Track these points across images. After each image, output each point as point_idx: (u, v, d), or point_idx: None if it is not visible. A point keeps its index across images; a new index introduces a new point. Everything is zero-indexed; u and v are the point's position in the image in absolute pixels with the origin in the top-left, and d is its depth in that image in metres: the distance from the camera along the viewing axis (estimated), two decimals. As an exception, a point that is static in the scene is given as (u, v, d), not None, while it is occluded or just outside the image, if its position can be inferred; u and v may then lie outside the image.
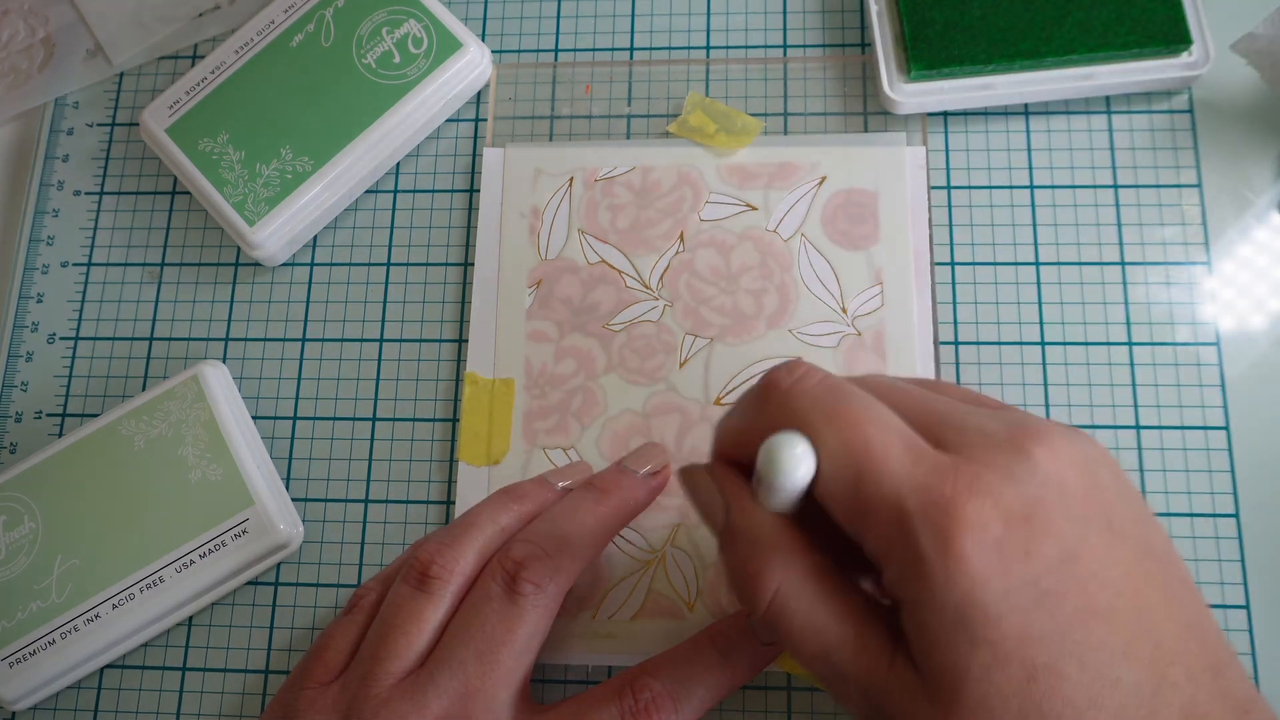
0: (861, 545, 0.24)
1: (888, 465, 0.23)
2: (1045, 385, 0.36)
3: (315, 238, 0.40)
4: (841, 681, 0.25)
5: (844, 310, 0.37)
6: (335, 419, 0.38)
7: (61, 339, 0.40)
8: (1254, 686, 0.24)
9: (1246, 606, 0.33)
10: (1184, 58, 0.37)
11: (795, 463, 0.24)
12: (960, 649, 0.23)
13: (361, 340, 0.39)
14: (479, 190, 0.40)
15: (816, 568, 0.25)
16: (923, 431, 0.24)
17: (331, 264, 0.40)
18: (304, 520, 0.37)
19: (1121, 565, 0.23)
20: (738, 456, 0.27)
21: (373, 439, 0.38)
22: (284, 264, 0.40)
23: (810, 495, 0.25)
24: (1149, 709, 0.22)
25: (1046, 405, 0.36)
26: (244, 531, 0.35)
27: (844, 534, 0.25)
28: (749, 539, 0.26)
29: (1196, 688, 0.23)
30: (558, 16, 0.42)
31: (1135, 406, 0.36)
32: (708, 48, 0.41)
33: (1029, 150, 0.38)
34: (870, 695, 0.25)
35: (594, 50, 0.41)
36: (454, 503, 0.36)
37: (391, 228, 0.40)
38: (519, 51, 0.42)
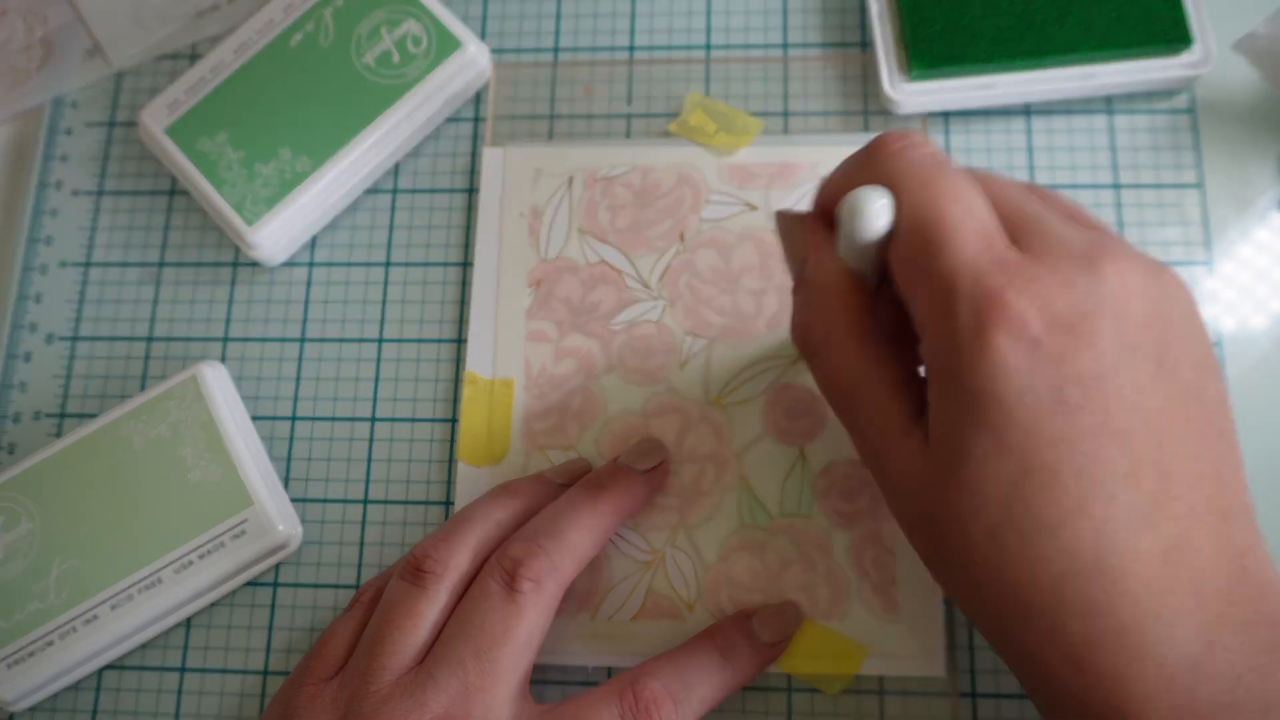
0: (910, 313, 0.26)
1: (955, 241, 0.24)
2: (1046, 385, 0.36)
3: (314, 238, 0.40)
4: (857, 431, 0.27)
5: (844, 310, 0.37)
6: (335, 419, 0.38)
7: (60, 339, 0.40)
8: (1261, 539, 0.25)
9: (1248, 607, 0.33)
10: (1185, 57, 0.37)
11: (874, 215, 0.25)
12: (967, 430, 0.24)
13: (361, 340, 0.39)
14: (479, 190, 0.40)
15: (868, 324, 0.27)
16: (1008, 226, 0.25)
17: (331, 264, 0.40)
18: (303, 520, 0.37)
19: (1158, 400, 0.24)
20: (832, 210, 0.28)
21: (372, 439, 0.38)
22: (283, 264, 0.40)
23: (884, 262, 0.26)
24: (1136, 531, 0.23)
25: (1047, 405, 0.36)
26: (243, 532, 0.35)
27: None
28: (816, 283, 0.27)
29: (1194, 524, 0.24)
30: (558, 16, 0.42)
31: (1136, 407, 0.35)
32: (708, 47, 0.41)
33: (1029, 150, 0.38)
34: (879, 451, 0.26)
35: (594, 50, 0.41)
36: (454, 503, 0.36)
37: (391, 228, 0.40)
38: (519, 51, 0.41)
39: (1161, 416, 0.24)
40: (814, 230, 0.28)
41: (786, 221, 0.30)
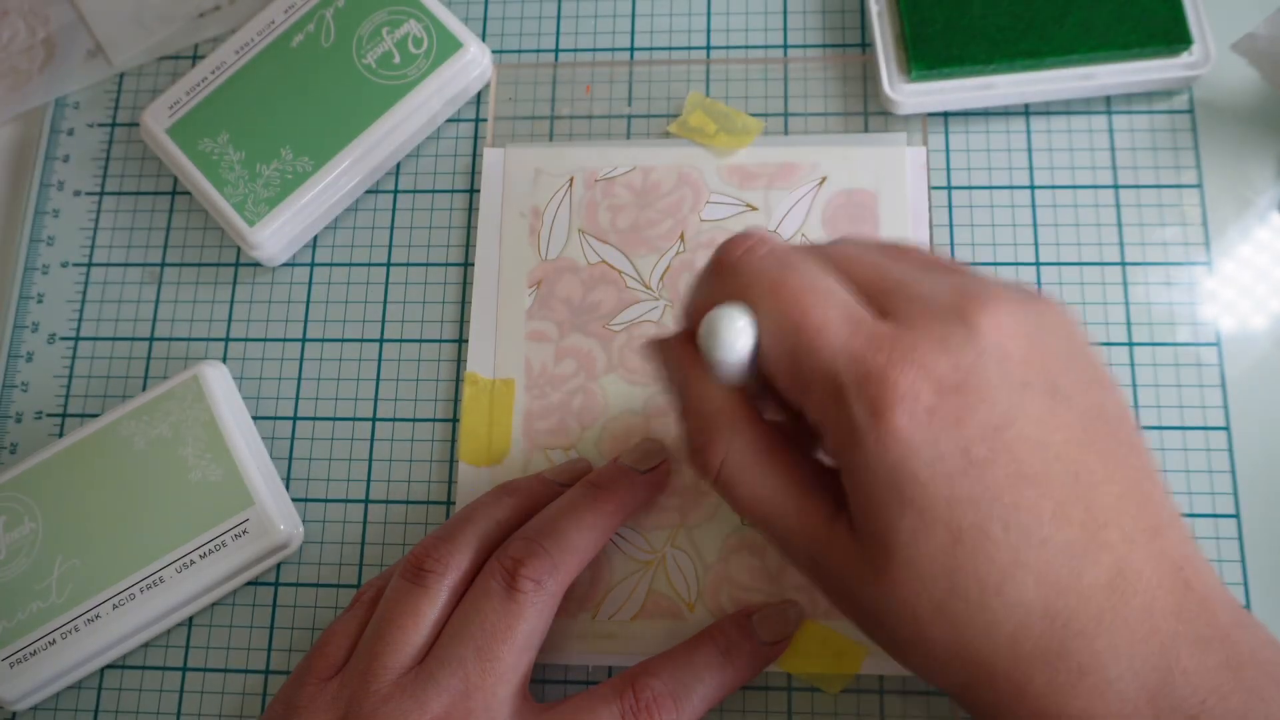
0: (804, 415, 0.25)
1: (824, 338, 0.24)
2: (1046, 385, 0.36)
3: (315, 238, 0.40)
4: (786, 543, 0.26)
5: (844, 310, 0.37)
6: (335, 419, 0.38)
7: (61, 339, 0.40)
8: (1195, 546, 0.25)
9: (1247, 608, 0.33)
10: (1184, 58, 0.37)
11: (733, 337, 0.25)
12: (890, 512, 0.23)
13: (361, 340, 0.39)
14: (479, 190, 0.40)
15: (762, 439, 0.26)
16: (873, 300, 0.25)
17: (331, 264, 0.40)
18: (304, 520, 0.37)
19: (1063, 431, 0.24)
20: (697, 329, 0.28)
21: (373, 439, 0.38)
22: (284, 264, 0.40)
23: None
24: (1076, 567, 0.23)
25: (1047, 405, 0.36)
26: (244, 531, 0.35)
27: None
28: (699, 413, 0.27)
29: (1131, 548, 0.24)
30: (558, 16, 0.42)
31: (1135, 407, 0.35)
32: (708, 48, 0.41)
33: (1029, 150, 0.38)
34: (812, 555, 0.26)
35: (594, 50, 0.41)
36: (454, 503, 0.36)
37: (391, 228, 0.40)
38: (519, 51, 0.42)
39: (1070, 447, 0.24)
40: (683, 355, 0.27)
41: (656, 350, 0.29)
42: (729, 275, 0.26)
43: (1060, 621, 0.23)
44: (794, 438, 0.27)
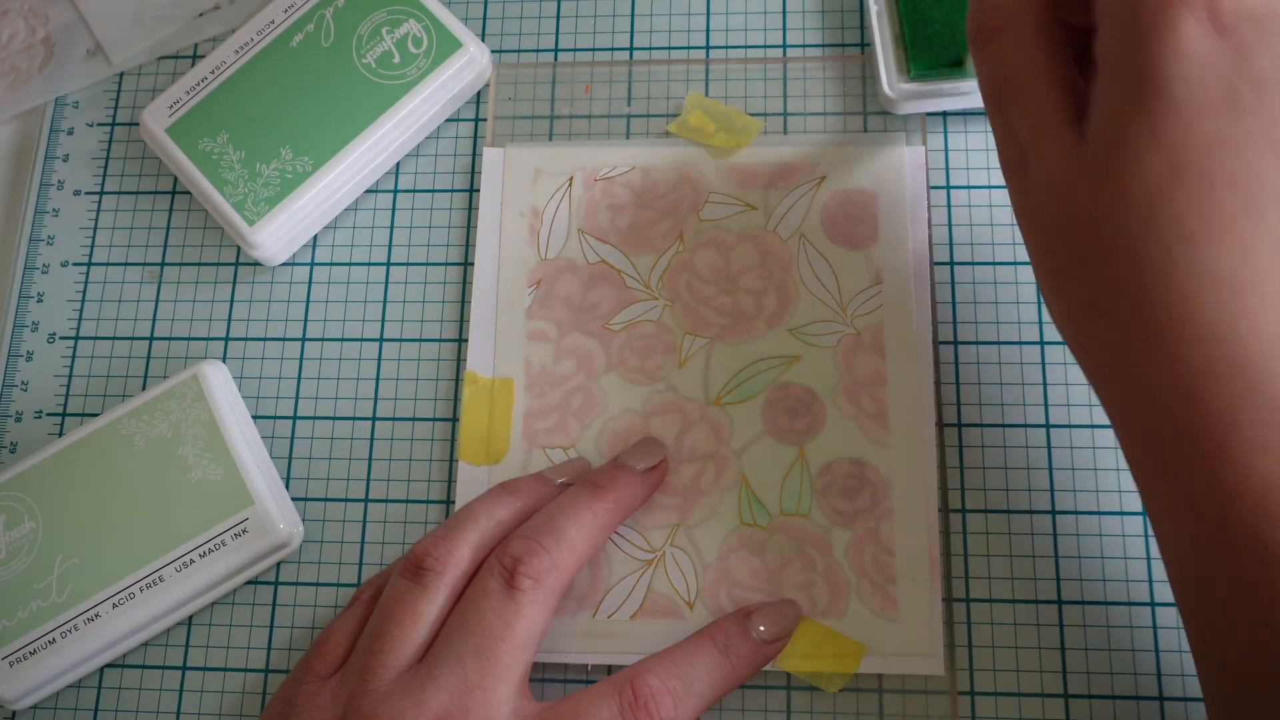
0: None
1: None
2: (1045, 385, 0.36)
3: (315, 237, 0.40)
4: (1012, 124, 0.26)
5: (843, 310, 0.37)
6: (335, 419, 0.38)
7: (61, 339, 0.40)
8: None
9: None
10: (1183, 58, 0.37)
11: None
12: (1127, 114, 0.22)
13: (361, 340, 0.39)
14: (479, 190, 0.40)
15: (1049, 19, 0.26)
16: None
17: (331, 264, 0.40)
18: (304, 520, 0.37)
19: None
20: None
21: (373, 439, 0.38)
22: (284, 264, 0.40)
23: None
24: None
25: (1046, 405, 0.36)
26: (244, 531, 0.35)
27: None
28: None
29: None
30: (558, 16, 0.42)
31: (1134, 406, 0.36)
32: (708, 48, 0.41)
33: (1028, 150, 0.38)
34: (1030, 147, 0.25)
35: (594, 50, 0.41)
36: (454, 502, 0.36)
37: (391, 228, 0.40)
38: (519, 51, 0.42)
39: None
40: None
41: None
42: None
43: (1240, 305, 0.21)
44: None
